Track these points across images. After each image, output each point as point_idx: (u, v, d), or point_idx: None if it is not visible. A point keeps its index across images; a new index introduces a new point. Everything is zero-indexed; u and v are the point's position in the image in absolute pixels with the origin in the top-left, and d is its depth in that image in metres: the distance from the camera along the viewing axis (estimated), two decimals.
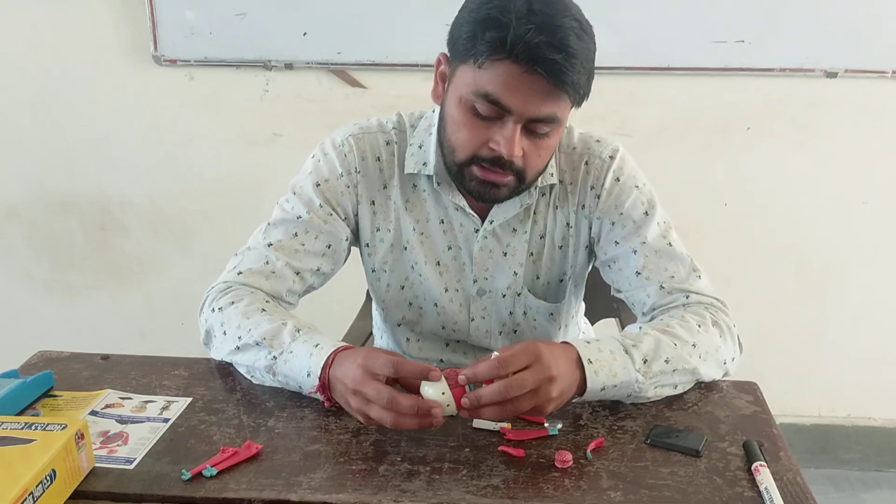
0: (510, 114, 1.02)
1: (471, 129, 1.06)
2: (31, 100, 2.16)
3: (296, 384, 1.04)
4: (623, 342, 1.03)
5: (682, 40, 1.97)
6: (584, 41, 1.01)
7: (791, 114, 2.06)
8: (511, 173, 1.08)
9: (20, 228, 2.31)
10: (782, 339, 2.26)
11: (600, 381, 0.99)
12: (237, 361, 1.10)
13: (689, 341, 1.06)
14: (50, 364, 1.15)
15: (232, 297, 1.13)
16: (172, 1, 2.00)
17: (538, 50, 0.97)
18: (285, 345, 1.05)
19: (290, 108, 2.11)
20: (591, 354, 1.00)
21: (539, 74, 0.98)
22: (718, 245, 2.16)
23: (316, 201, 1.20)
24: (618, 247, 1.20)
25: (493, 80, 1.01)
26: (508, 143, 1.03)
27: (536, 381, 0.91)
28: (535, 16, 0.97)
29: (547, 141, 1.07)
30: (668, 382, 1.05)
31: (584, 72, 1.01)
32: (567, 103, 1.04)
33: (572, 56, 0.98)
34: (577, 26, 1.00)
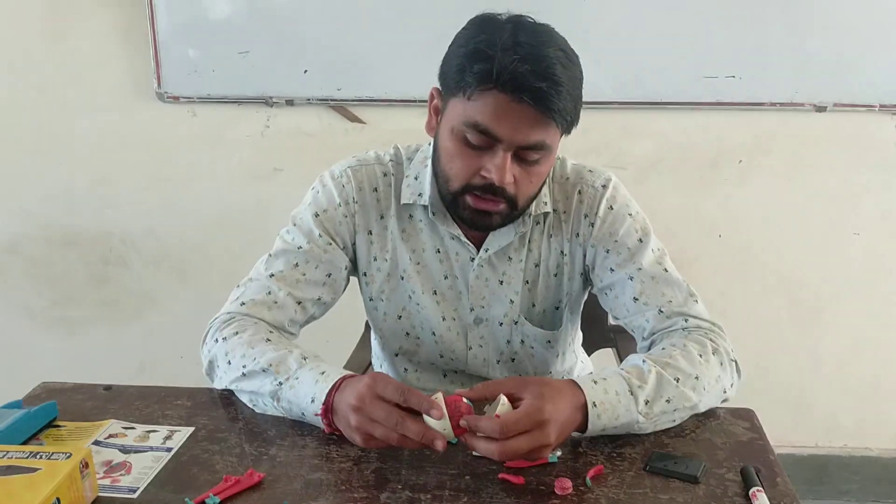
0: (500, 142, 1.05)
1: (463, 159, 1.09)
2: (34, 135, 2.19)
3: (298, 410, 1.05)
4: (629, 382, 1.03)
5: (673, 76, 2.01)
6: (570, 69, 1.04)
7: (782, 147, 2.10)
8: (503, 200, 1.10)
9: (22, 263, 2.32)
10: (778, 369, 2.27)
11: (602, 423, 1.00)
12: (241, 388, 1.11)
13: (692, 374, 1.06)
14: (53, 395, 1.16)
15: (236, 328, 1.15)
16: (176, 39, 2.05)
17: (524, 79, 1.00)
18: (291, 371, 1.06)
19: (291, 144, 2.14)
20: (597, 397, 1.00)
21: (526, 103, 1.01)
22: (714, 276, 2.18)
23: (315, 231, 1.23)
24: (613, 274, 1.21)
25: (482, 110, 1.04)
26: (499, 170, 1.06)
27: (532, 446, 0.92)
28: (521, 47, 1.01)
29: (538, 168, 1.10)
30: (667, 420, 1.06)
31: (570, 99, 1.04)
32: (555, 130, 1.07)
33: (558, 84, 1.01)
34: (563, 55, 1.04)
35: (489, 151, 1.07)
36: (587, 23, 1.97)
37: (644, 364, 1.06)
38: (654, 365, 1.06)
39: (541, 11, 1.98)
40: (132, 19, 2.05)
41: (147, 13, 2.02)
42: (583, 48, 2.03)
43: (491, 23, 1.07)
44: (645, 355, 1.10)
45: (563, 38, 1.08)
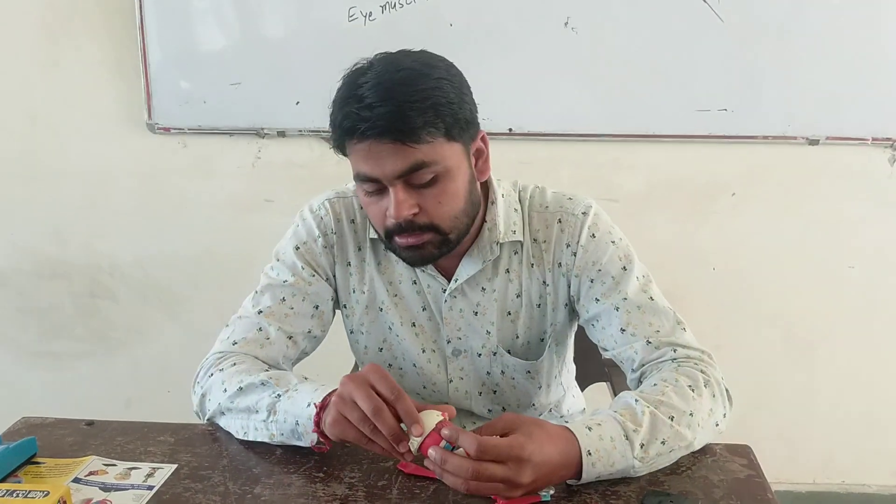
0: (381, 181, 1.06)
1: (372, 207, 1.11)
2: (24, 165, 2.18)
3: (293, 419, 1.03)
4: (624, 426, 1.00)
5: (665, 109, 2.02)
6: (417, 83, 1.02)
7: (775, 180, 2.10)
8: (423, 231, 1.09)
9: (8, 295, 2.30)
10: (773, 404, 2.25)
11: (596, 471, 0.98)
12: (236, 405, 1.09)
13: (686, 410, 1.04)
14: (34, 430, 1.13)
15: (233, 361, 1.15)
16: (168, 70, 2.05)
17: (357, 120, 1.01)
18: (291, 384, 1.07)
19: (282, 175, 2.14)
20: (591, 445, 0.98)
21: (371, 138, 1.01)
22: (707, 309, 2.16)
23: (298, 264, 1.23)
24: (599, 304, 1.20)
25: (355, 160, 1.06)
26: (393, 206, 1.06)
27: (504, 480, 0.90)
28: (360, 89, 1.02)
29: (440, 187, 1.07)
30: (663, 462, 1.04)
31: (419, 112, 1.01)
32: (426, 146, 1.03)
33: (396, 106, 1.00)
34: (406, 74, 1.02)
35: (385, 192, 1.07)
36: (579, 54, 1.98)
37: (637, 404, 1.04)
38: (647, 405, 1.03)
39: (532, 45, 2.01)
40: (125, 50, 2.05)
41: (139, 44, 2.02)
42: (574, 80, 2.06)
43: (347, 77, 1.07)
44: (636, 394, 1.07)
45: (417, 55, 1.07)
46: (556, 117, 2.02)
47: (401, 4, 1.96)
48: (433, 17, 1.93)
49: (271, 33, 2.04)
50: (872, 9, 1.94)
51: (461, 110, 1.06)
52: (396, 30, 1.95)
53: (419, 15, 1.94)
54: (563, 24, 1.96)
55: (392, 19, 1.96)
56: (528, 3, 1.95)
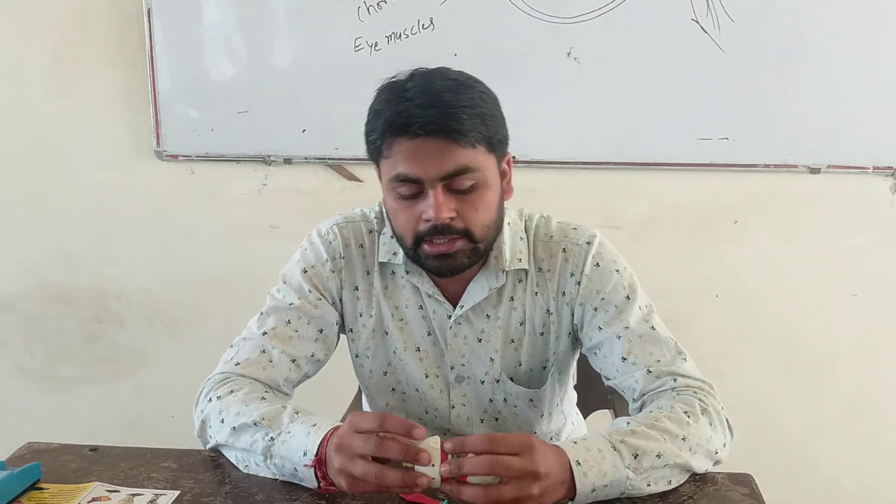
0: (422, 182, 1.07)
1: (404, 212, 1.12)
2: (34, 191, 2.21)
3: (291, 466, 1.03)
4: (611, 438, 1.01)
5: (667, 137, 2.03)
6: (462, 92, 1.07)
7: (777, 208, 2.11)
8: (457, 236, 1.10)
9: (15, 320, 2.31)
10: (777, 430, 2.23)
11: (590, 482, 0.97)
12: (232, 444, 1.09)
13: (679, 435, 1.04)
14: (38, 455, 1.13)
15: (231, 387, 1.14)
16: (177, 99, 2.08)
17: (411, 116, 1.04)
18: (283, 425, 1.05)
19: (288, 201, 2.16)
20: (579, 455, 0.98)
21: (422, 135, 1.04)
22: (711, 336, 2.16)
23: (305, 287, 1.23)
24: (601, 332, 1.20)
25: (396, 160, 1.08)
26: (433, 207, 1.07)
27: (522, 471, 0.91)
28: (408, 91, 1.06)
29: (478, 195, 1.10)
30: (661, 477, 1.03)
31: (469, 116, 1.05)
32: (471, 151, 1.07)
33: (448, 107, 1.04)
34: (452, 83, 1.07)
35: (422, 196, 1.09)
36: (582, 84, 2.01)
37: (628, 425, 1.05)
38: (638, 424, 1.04)
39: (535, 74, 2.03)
40: (134, 79, 2.09)
41: (149, 73, 2.06)
42: (577, 109, 2.08)
43: (387, 85, 1.11)
44: (629, 418, 1.08)
45: (459, 72, 1.11)
46: (560, 145, 2.04)
47: (406, 35, 1.99)
48: (437, 47, 1.97)
49: (278, 63, 2.07)
50: (873, 37, 1.96)
51: (500, 126, 1.12)
52: (402, 60, 1.93)
53: (424, 45, 1.99)
54: (566, 55, 1.99)
55: (397, 49, 2.00)
56: (531, 34, 1.98)
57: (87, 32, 2.09)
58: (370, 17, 2.00)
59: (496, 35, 1.99)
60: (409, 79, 1.09)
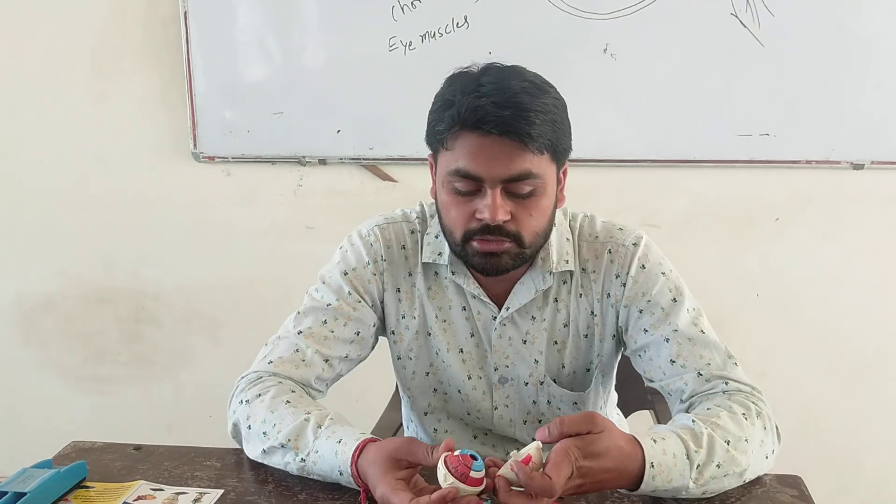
0: (484, 181, 1.06)
1: (457, 207, 1.10)
2: (74, 193, 2.25)
3: (331, 478, 1.04)
4: (687, 446, 0.99)
5: (706, 134, 2.01)
6: (538, 96, 1.04)
7: (819, 205, 2.07)
8: (506, 239, 1.09)
9: (56, 320, 2.35)
10: (822, 432, 2.19)
11: (654, 485, 0.97)
12: (267, 463, 1.10)
13: (742, 436, 1.03)
14: (83, 454, 1.15)
15: (259, 390, 1.14)
16: (213, 101, 2.10)
17: (486, 113, 1.02)
18: (310, 445, 1.05)
19: (323, 202, 2.16)
20: (656, 458, 0.97)
21: (493, 135, 1.02)
22: (752, 336, 2.13)
23: (345, 289, 1.23)
24: (647, 335, 1.18)
25: (458, 154, 1.06)
26: (489, 208, 1.06)
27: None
28: (483, 87, 1.04)
29: (535, 200, 1.08)
30: (717, 487, 1.02)
31: (541, 122, 1.03)
32: (538, 157, 1.05)
33: (523, 110, 1.02)
34: (529, 85, 1.05)
35: (479, 194, 1.07)
36: (618, 81, 1.99)
37: (695, 425, 1.03)
38: (704, 427, 1.02)
39: (571, 70, 2.01)
40: (171, 82, 2.11)
41: (186, 76, 2.07)
42: (614, 106, 2.05)
43: (459, 75, 1.10)
44: (693, 415, 1.06)
45: (534, 73, 1.09)
46: (596, 143, 2.02)
47: (440, 34, 1.99)
48: (472, 45, 1.96)
49: (312, 63, 2.08)
50: None
51: (567, 135, 1.10)
52: (436, 58, 1.98)
53: (458, 43, 1.98)
54: (602, 51, 1.97)
55: (431, 48, 2.00)
56: (567, 30, 1.96)
57: (125, 36, 2.12)
58: (404, 16, 2.00)
59: (531, 32, 1.97)
60: (483, 72, 1.07)
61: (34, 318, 2.35)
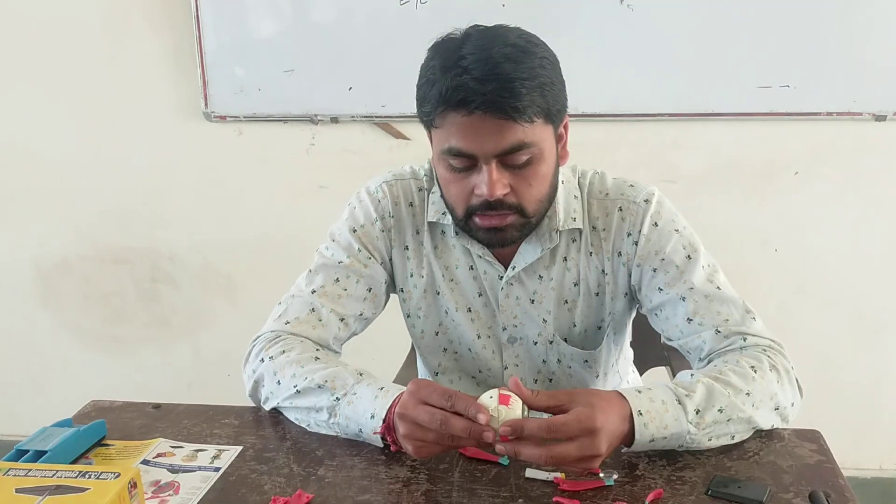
0: (477, 157, 1.04)
1: (455, 184, 1.08)
2: (88, 155, 2.24)
3: (356, 426, 1.03)
4: (676, 391, 1.00)
5: (725, 86, 1.96)
6: (522, 61, 1.00)
7: (840, 158, 2.03)
8: (509, 212, 1.07)
9: (74, 282, 2.36)
10: (838, 388, 2.19)
11: (649, 433, 0.97)
12: (295, 405, 1.10)
13: (744, 390, 1.02)
14: (102, 413, 1.16)
15: (282, 347, 1.14)
16: (223, 59, 2.08)
17: (468, 90, 0.98)
18: (349, 386, 1.05)
19: (336, 161, 2.15)
20: (642, 406, 0.98)
21: (478, 112, 0.99)
22: (770, 292, 2.11)
23: (355, 246, 1.22)
24: (662, 293, 1.17)
25: (448, 133, 1.03)
26: (487, 184, 1.04)
27: (581, 454, 0.90)
28: (464, 59, 1.00)
29: (532, 169, 1.06)
30: (723, 433, 1.02)
31: (528, 90, 0.99)
32: (528, 126, 1.02)
33: (507, 81, 0.98)
34: (512, 51, 1.00)
35: (475, 169, 1.05)
36: (635, 33, 1.94)
37: (692, 377, 1.04)
38: (702, 377, 1.03)
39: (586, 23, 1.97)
40: (181, 41, 2.08)
41: (195, 34, 2.05)
42: (630, 58, 2.01)
43: (440, 46, 1.05)
44: (693, 370, 1.07)
45: (518, 32, 1.04)
46: (612, 97, 1.98)
47: None
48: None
49: (323, 19, 2.04)
50: None
51: (560, 93, 1.06)
52: (448, 13, 1.93)
53: None
54: (619, 2, 1.92)
55: (443, 2, 1.95)
56: None
57: None
58: None
59: None
60: (464, 40, 1.03)
61: (52, 280, 2.37)
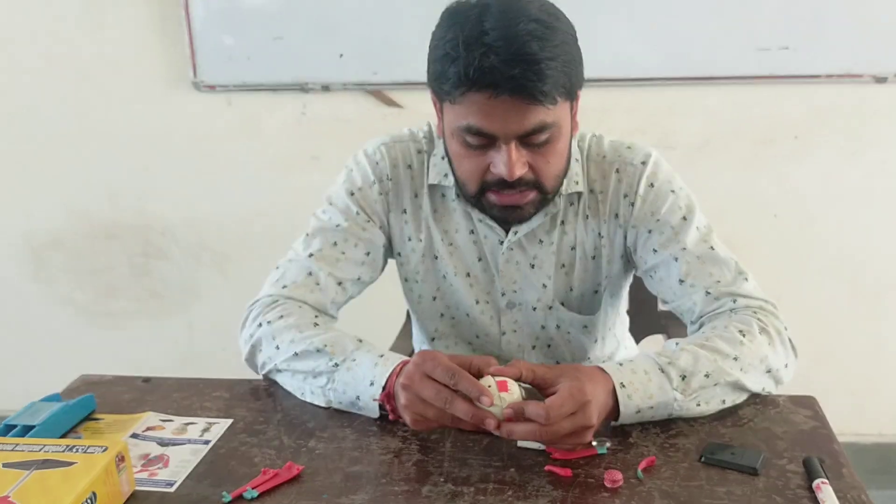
0: (496, 137, 1.01)
1: (470, 160, 1.06)
2: (74, 128, 2.21)
3: (353, 393, 1.03)
4: (658, 360, 1.00)
5: (723, 49, 1.93)
6: (549, 38, 0.96)
7: (840, 121, 2.01)
8: (528, 189, 1.06)
9: (64, 256, 2.35)
10: (838, 355, 2.18)
11: (634, 404, 0.97)
12: (293, 368, 1.09)
13: (731, 355, 1.02)
14: (92, 387, 1.15)
15: (280, 311, 1.13)
16: (211, 27, 2.03)
17: (495, 72, 0.95)
18: (348, 352, 1.05)
19: (328, 130, 2.12)
20: (624, 378, 0.97)
21: (505, 95, 0.96)
22: (769, 259, 2.10)
23: (353, 209, 1.21)
24: (657, 255, 1.16)
25: (467, 112, 1.00)
26: (506, 165, 1.02)
27: (574, 428, 0.90)
28: (487, 35, 0.95)
29: (552, 146, 1.04)
30: (711, 397, 1.01)
31: (555, 69, 0.96)
32: (552, 107, 0.99)
33: (534, 63, 0.95)
34: (537, 26, 0.96)
35: (492, 146, 1.03)
36: None
37: (676, 346, 1.03)
38: (687, 344, 1.02)
39: None
40: (167, 8, 2.04)
41: (182, 1, 2.00)
42: (627, 21, 1.97)
43: (458, 16, 1.00)
44: (679, 339, 1.06)
45: (541, 5, 1.00)
46: (608, 61, 1.95)
47: None
48: None
49: None
50: None
51: (580, 68, 1.03)
52: None
53: None
54: None
55: None
56: None
57: None
58: None
59: None
60: (483, 11, 0.97)
61: (43, 255, 2.35)
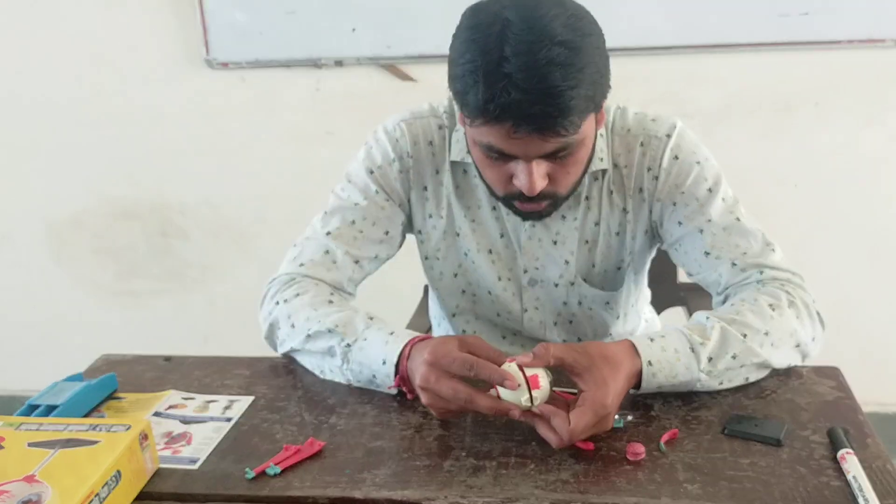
0: (518, 157, 0.99)
1: (493, 169, 1.04)
2: (92, 108, 2.21)
3: (369, 372, 1.03)
4: (691, 339, 0.98)
5: (742, 15, 1.89)
6: (573, 62, 0.90)
7: (861, 87, 1.97)
8: (545, 199, 1.04)
9: (85, 237, 2.36)
10: (860, 324, 2.16)
11: (657, 381, 0.97)
12: (308, 349, 1.09)
13: (761, 329, 1.01)
14: (114, 367, 1.16)
15: (297, 290, 1.13)
16: (223, 3, 2.02)
17: (515, 110, 0.90)
18: (359, 331, 1.05)
19: (342, 106, 2.11)
20: (653, 356, 0.97)
21: (526, 129, 0.93)
22: (789, 228, 2.06)
23: (372, 187, 1.19)
24: (682, 227, 1.14)
25: (489, 133, 0.96)
26: (527, 182, 0.99)
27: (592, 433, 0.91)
28: (508, 63, 0.89)
29: (573, 157, 1.01)
30: (735, 377, 1.01)
31: (579, 96, 0.91)
32: (575, 129, 0.94)
33: (556, 97, 0.89)
34: (560, 51, 0.89)
35: (512, 160, 1.00)
36: None
37: (707, 321, 1.01)
38: (718, 321, 1.01)
39: None
40: None
41: None
42: None
43: (477, 32, 0.93)
44: (709, 312, 1.04)
45: (566, 18, 0.91)
46: (624, 30, 1.91)
47: None
48: None
49: None
50: None
51: (607, 77, 0.98)
52: None
53: None
54: None
55: None
56: None
57: None
58: None
59: None
60: (503, 35, 0.90)
61: (64, 237, 2.37)
